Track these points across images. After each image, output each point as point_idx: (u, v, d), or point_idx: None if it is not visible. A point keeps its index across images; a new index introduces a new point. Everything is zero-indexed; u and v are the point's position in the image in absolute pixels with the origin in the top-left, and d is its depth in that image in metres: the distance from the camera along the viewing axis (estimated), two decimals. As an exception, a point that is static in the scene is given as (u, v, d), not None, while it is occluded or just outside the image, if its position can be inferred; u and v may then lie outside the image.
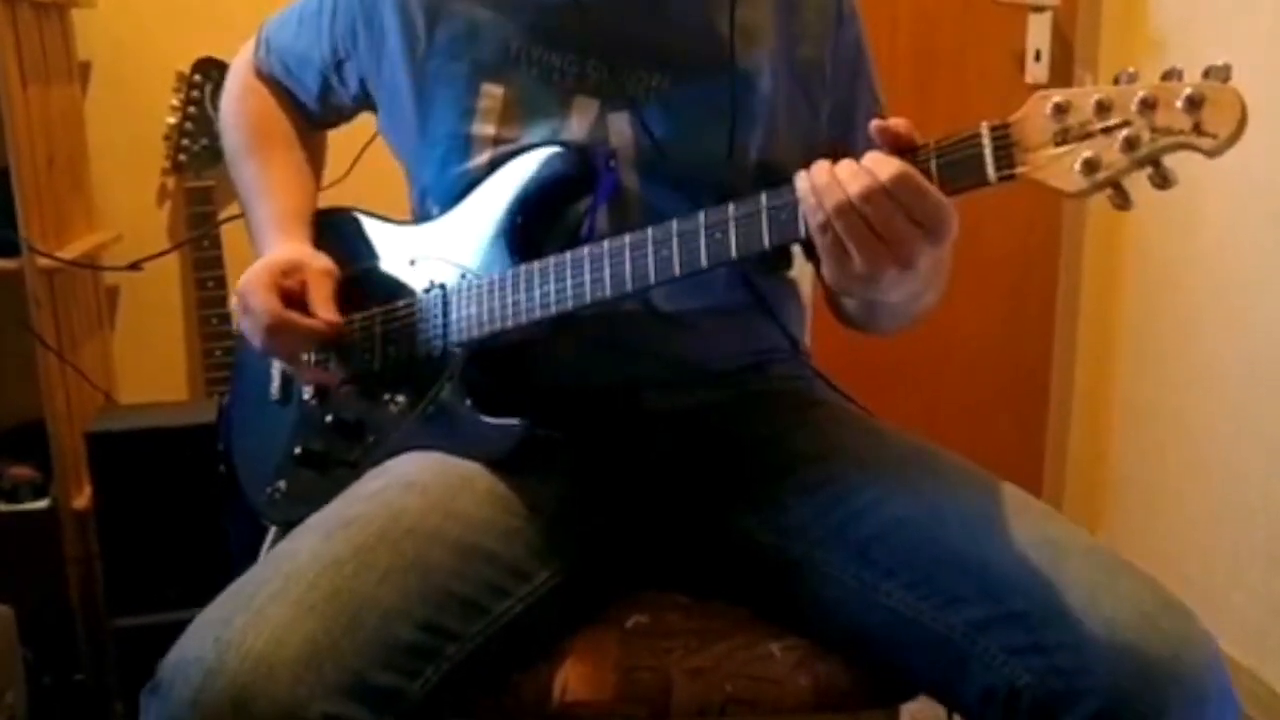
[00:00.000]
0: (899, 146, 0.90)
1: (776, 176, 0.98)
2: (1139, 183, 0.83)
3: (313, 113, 1.38)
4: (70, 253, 2.02)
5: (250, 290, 1.16)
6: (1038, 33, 2.52)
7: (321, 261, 1.20)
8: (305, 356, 1.23)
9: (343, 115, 1.38)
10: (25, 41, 1.94)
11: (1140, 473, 2.54)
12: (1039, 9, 2.51)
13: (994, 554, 0.97)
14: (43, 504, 2.03)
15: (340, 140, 1.48)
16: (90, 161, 2.25)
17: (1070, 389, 2.71)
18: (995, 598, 0.95)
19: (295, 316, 1.16)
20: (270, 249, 1.24)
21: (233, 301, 1.20)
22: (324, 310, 1.16)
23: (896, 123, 0.91)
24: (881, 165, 0.89)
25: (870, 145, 0.92)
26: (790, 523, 1.10)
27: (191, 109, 2.14)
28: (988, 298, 2.69)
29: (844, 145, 1.17)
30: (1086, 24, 2.50)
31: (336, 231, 1.29)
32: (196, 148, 2.14)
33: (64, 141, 2.11)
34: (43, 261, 1.93)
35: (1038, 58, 2.51)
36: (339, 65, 1.30)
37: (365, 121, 1.37)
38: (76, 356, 2.08)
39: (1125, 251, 2.54)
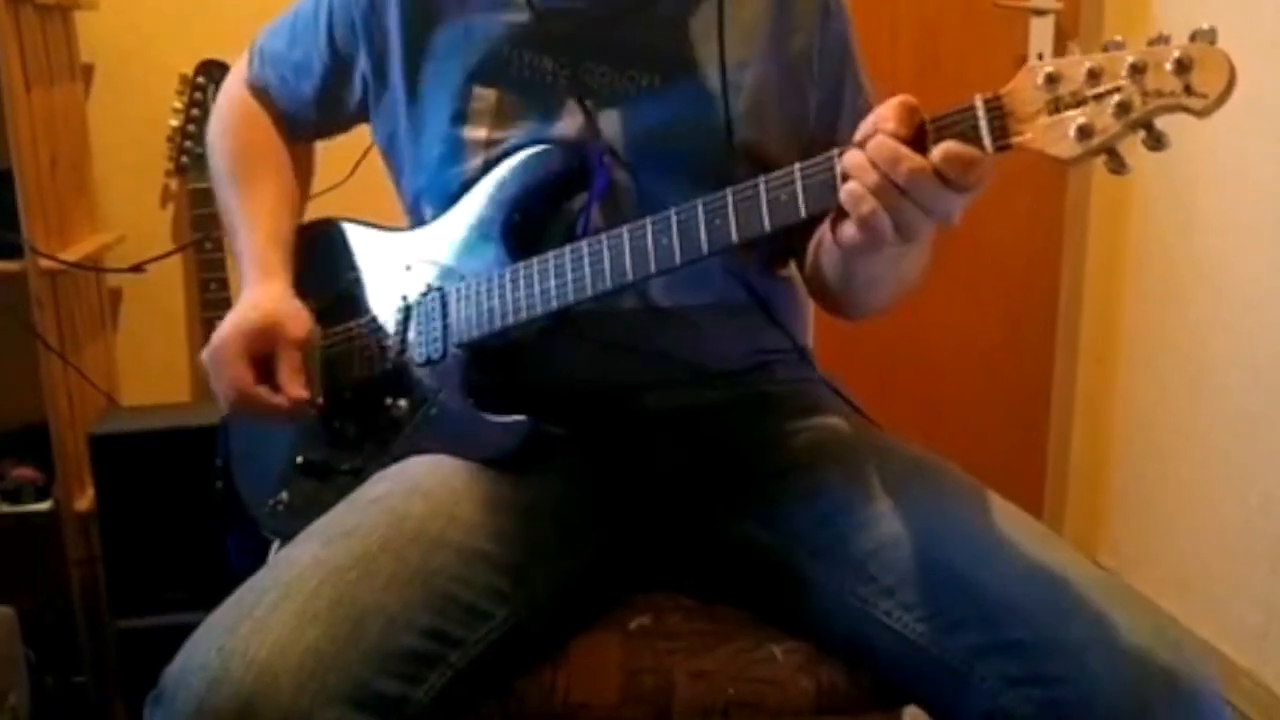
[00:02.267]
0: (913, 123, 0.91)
1: (768, 168, 0.98)
2: (1139, 177, 0.84)
3: (310, 124, 1.37)
4: (73, 254, 2.02)
5: (221, 361, 1.17)
6: (1039, 36, 2.51)
7: (296, 328, 1.18)
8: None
9: (340, 123, 1.37)
10: (28, 43, 1.95)
11: (1142, 478, 2.54)
12: (1040, 13, 2.50)
13: (995, 579, 0.97)
14: (45, 505, 2.03)
15: (341, 145, 1.48)
16: (93, 163, 2.25)
17: (1072, 394, 2.71)
18: (995, 625, 0.94)
19: (262, 394, 1.16)
20: (248, 288, 1.23)
21: (204, 355, 1.19)
22: (292, 387, 1.16)
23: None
24: (952, 160, 0.88)
25: (852, 129, 0.93)
26: (789, 530, 1.10)
27: (194, 111, 2.14)
28: (989, 302, 2.69)
29: (829, 136, 1.18)
30: (1088, 27, 2.50)
31: (327, 244, 1.29)
32: (199, 150, 2.13)
33: (67, 143, 2.11)
34: (45, 263, 1.93)
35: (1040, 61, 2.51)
36: (342, 70, 1.29)
37: (365, 126, 1.37)
38: (79, 358, 2.08)
39: (1127, 257, 2.54)
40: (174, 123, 2.16)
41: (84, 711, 2.07)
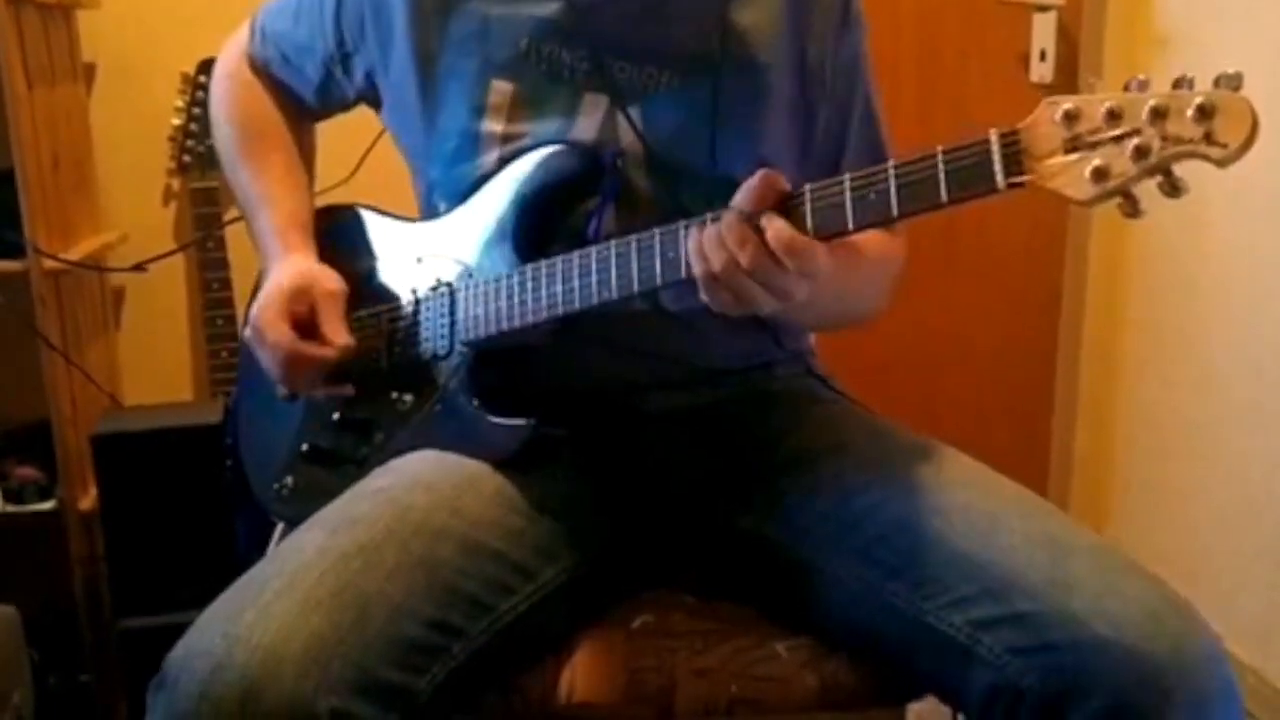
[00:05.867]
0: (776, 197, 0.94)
1: None
2: (1146, 187, 0.83)
3: (310, 104, 1.36)
4: (75, 254, 2.03)
5: (264, 325, 1.17)
6: (1042, 32, 2.51)
7: (327, 282, 1.20)
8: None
9: (343, 107, 1.37)
10: (30, 43, 1.95)
11: (1145, 473, 2.54)
12: (1043, 8, 2.50)
13: (998, 553, 0.97)
14: (48, 505, 2.04)
15: (345, 140, 1.48)
16: (95, 162, 2.26)
17: (1075, 389, 2.71)
18: (999, 597, 0.95)
19: (309, 349, 1.16)
20: (274, 263, 1.24)
21: (246, 333, 1.20)
22: (336, 335, 1.17)
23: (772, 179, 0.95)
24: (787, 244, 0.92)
25: (859, 156, 0.94)
26: (794, 523, 1.10)
27: (196, 110, 2.14)
28: (992, 298, 2.68)
29: (835, 159, 1.19)
30: (1091, 24, 2.50)
31: (343, 229, 1.29)
32: (201, 148, 2.14)
33: (69, 143, 2.12)
34: (48, 263, 1.93)
35: (1042, 57, 2.50)
36: (345, 58, 1.29)
37: (371, 122, 1.37)
38: (82, 358, 2.08)
39: (1130, 251, 2.54)
40: (176, 121, 2.16)
41: (88, 711, 2.07)
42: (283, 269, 1.22)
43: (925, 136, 0.90)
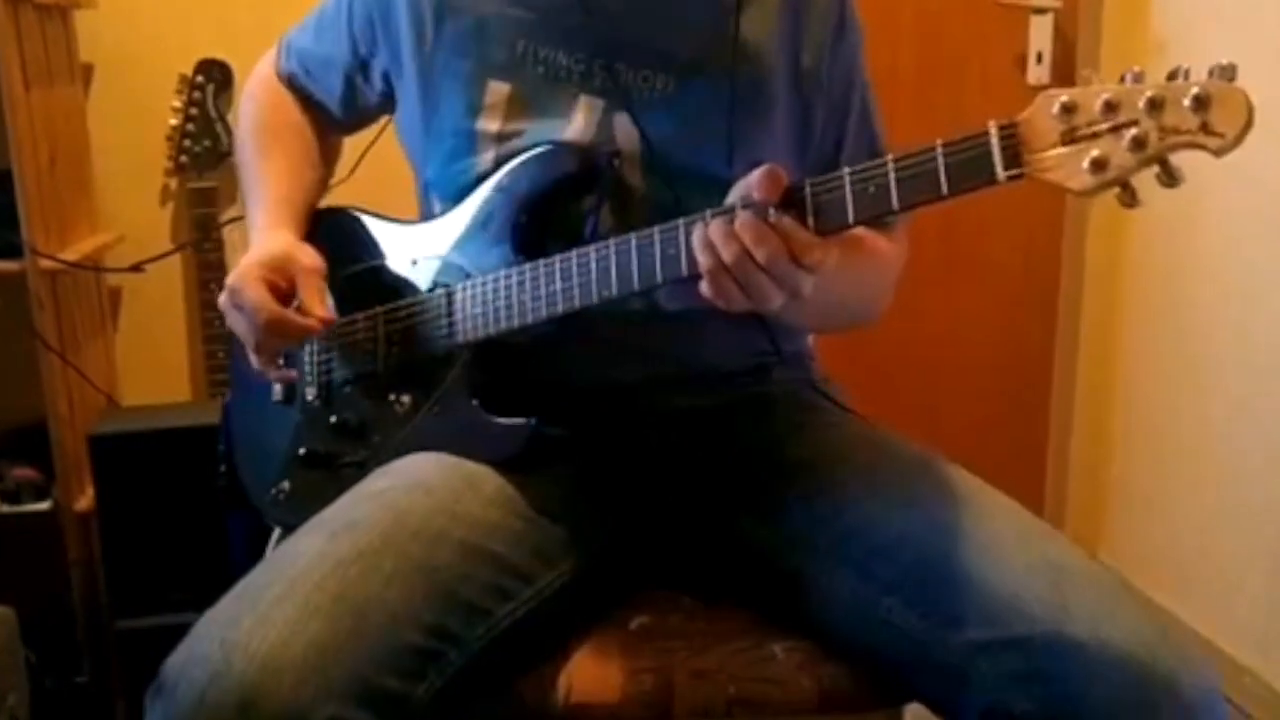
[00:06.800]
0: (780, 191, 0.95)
1: None
2: (1144, 181, 0.84)
3: (336, 116, 1.38)
4: (73, 254, 2.02)
5: (241, 286, 1.15)
6: (1039, 35, 2.51)
7: (309, 257, 1.18)
8: (282, 361, 1.23)
9: (368, 116, 1.38)
10: (28, 43, 1.95)
11: (1142, 476, 2.54)
12: (1040, 11, 2.50)
13: (995, 575, 0.97)
14: (45, 506, 2.03)
15: (345, 141, 1.48)
16: (93, 163, 2.25)
17: (1072, 392, 2.71)
18: (996, 621, 0.94)
19: (290, 314, 1.15)
20: (258, 238, 1.24)
21: (221, 299, 1.18)
22: (318, 308, 1.15)
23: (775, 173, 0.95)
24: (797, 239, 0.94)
25: (856, 158, 0.95)
26: (791, 530, 1.10)
27: (193, 110, 2.14)
28: (990, 301, 2.69)
29: (834, 159, 1.19)
30: (1088, 26, 2.50)
31: (338, 231, 1.29)
32: (199, 149, 2.14)
33: (66, 143, 2.11)
34: (45, 263, 1.93)
35: (1039, 60, 2.51)
36: (363, 65, 1.30)
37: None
38: (79, 358, 2.08)
39: (1127, 255, 2.54)
40: (173, 122, 2.16)
41: (84, 712, 2.07)
42: (263, 241, 1.22)
43: (923, 138, 0.90)
